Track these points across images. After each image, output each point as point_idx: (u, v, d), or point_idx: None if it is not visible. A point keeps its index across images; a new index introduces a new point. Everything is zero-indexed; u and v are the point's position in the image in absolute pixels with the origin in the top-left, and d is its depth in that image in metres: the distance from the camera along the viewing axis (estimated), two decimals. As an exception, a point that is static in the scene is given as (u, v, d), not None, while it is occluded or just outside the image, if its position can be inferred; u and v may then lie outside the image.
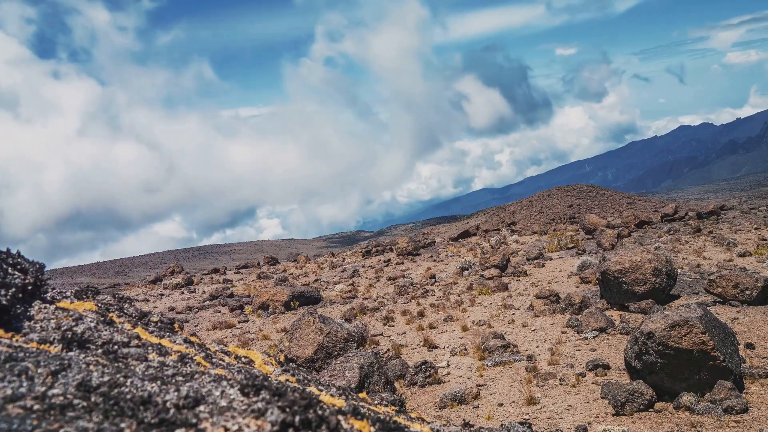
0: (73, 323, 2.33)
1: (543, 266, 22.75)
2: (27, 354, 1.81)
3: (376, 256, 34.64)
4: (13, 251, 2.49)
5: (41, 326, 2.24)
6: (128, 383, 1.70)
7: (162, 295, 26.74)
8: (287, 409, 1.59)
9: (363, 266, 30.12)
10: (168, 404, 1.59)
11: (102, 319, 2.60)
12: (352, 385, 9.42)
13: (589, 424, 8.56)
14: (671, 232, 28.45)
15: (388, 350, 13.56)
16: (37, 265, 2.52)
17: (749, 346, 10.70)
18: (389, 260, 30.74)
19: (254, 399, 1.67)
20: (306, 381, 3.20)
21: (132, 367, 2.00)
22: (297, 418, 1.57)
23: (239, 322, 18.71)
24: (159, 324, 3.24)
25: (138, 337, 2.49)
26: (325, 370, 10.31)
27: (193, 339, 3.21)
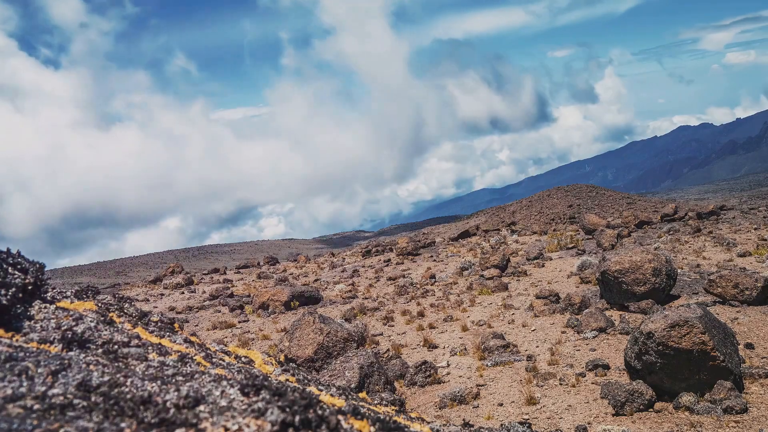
0: (74, 323, 2.33)
1: (543, 266, 22.75)
2: (27, 354, 1.82)
3: (376, 256, 34.65)
4: (14, 251, 2.50)
5: (41, 326, 2.24)
6: (128, 383, 1.70)
7: (162, 294, 26.75)
8: (287, 409, 1.60)
9: (363, 266, 30.12)
10: (168, 404, 1.59)
11: (102, 318, 2.60)
12: (352, 385, 9.42)
13: (588, 424, 8.56)
14: (671, 232, 28.46)
15: (388, 350, 13.56)
16: (38, 265, 2.52)
17: (749, 346, 10.70)
18: (389, 260, 30.74)
19: (254, 399, 1.67)
20: (306, 381, 3.20)
21: (132, 367, 2.00)
22: (297, 418, 1.57)
23: (239, 322, 18.71)
24: (159, 324, 3.24)
25: (138, 337, 2.49)
26: (325, 370, 10.32)
27: (193, 339, 3.22)
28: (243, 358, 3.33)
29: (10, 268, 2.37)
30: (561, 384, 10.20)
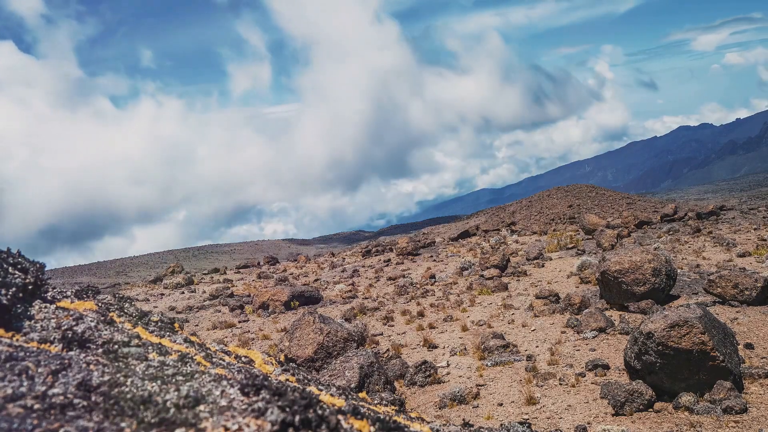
0: (74, 323, 2.33)
1: (543, 266, 22.75)
2: (27, 353, 1.82)
3: (376, 256, 34.65)
4: (14, 251, 2.50)
5: (42, 326, 2.24)
6: (128, 383, 1.70)
7: (162, 294, 26.74)
8: (287, 409, 1.60)
9: (363, 266, 30.13)
10: (168, 404, 1.60)
11: (102, 318, 2.60)
12: (352, 385, 9.43)
13: (588, 424, 8.57)
14: (671, 233, 28.47)
15: (387, 350, 13.56)
16: (38, 265, 2.53)
17: (748, 346, 10.71)
18: (389, 260, 30.75)
19: (254, 398, 1.67)
20: (306, 381, 3.21)
21: (132, 367, 2.00)
22: (297, 418, 1.57)
23: (239, 322, 18.71)
24: (159, 323, 3.24)
25: (138, 337, 2.49)
26: (325, 370, 10.32)
27: (193, 338, 3.22)
28: (243, 358, 3.33)
29: (10, 267, 2.38)
30: (561, 384, 10.21)
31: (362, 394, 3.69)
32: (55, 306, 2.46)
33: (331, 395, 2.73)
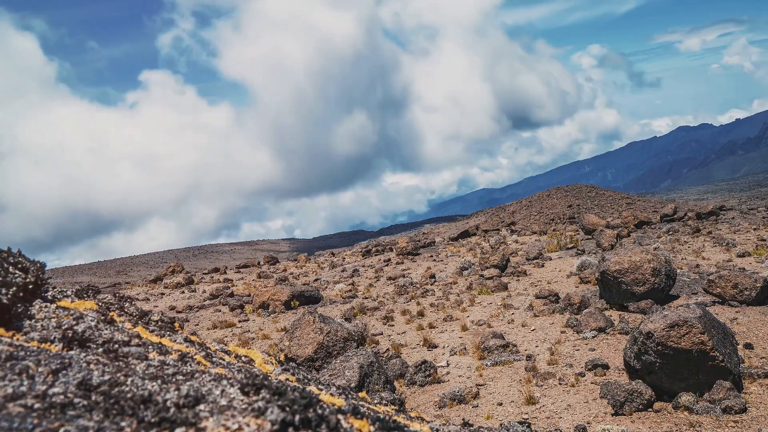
0: (74, 322, 2.34)
1: (542, 266, 22.76)
2: (28, 353, 1.82)
3: (376, 255, 34.65)
4: (14, 250, 2.50)
5: (42, 325, 2.24)
6: (129, 382, 1.71)
7: (162, 294, 26.74)
8: (287, 408, 1.60)
9: (363, 266, 30.13)
10: (168, 403, 1.60)
11: (103, 318, 2.61)
12: (352, 385, 9.43)
13: (588, 423, 8.57)
14: (670, 233, 28.47)
15: (387, 350, 13.56)
16: (38, 264, 2.53)
17: (748, 346, 10.71)
18: (389, 260, 30.75)
19: (254, 398, 1.67)
20: (306, 380, 3.21)
21: (132, 366, 2.01)
22: (297, 417, 1.58)
23: (239, 322, 18.71)
24: (159, 323, 3.25)
25: (138, 336, 2.49)
26: (325, 370, 10.32)
27: (193, 338, 3.22)
28: (243, 358, 3.33)
29: (11, 267, 2.38)
30: (560, 384, 10.21)
31: (362, 394, 3.69)
32: (55, 305, 2.46)
33: (331, 395, 2.73)
